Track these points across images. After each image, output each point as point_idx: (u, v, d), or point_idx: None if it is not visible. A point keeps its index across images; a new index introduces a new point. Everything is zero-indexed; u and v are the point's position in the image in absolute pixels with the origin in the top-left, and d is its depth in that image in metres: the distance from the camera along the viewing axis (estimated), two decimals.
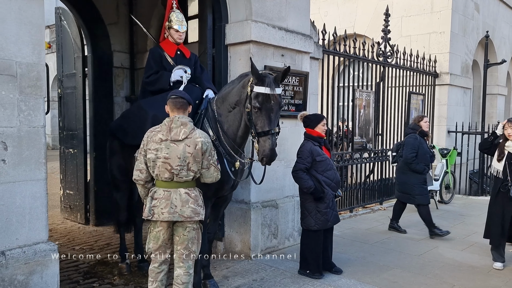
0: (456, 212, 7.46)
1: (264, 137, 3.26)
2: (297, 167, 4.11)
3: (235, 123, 3.56)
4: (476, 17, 10.60)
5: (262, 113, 3.26)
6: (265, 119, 3.26)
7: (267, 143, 3.25)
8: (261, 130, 3.26)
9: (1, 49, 2.86)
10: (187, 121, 3.03)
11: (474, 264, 4.69)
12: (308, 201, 4.12)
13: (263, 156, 3.26)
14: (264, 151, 3.25)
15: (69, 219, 6.35)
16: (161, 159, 2.98)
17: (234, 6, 4.67)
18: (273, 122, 3.30)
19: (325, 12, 11.60)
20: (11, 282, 2.90)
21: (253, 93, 3.28)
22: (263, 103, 3.25)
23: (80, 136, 6.04)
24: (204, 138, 3.04)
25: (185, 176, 3.00)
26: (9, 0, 2.87)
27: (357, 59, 7.06)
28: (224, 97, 3.63)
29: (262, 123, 3.26)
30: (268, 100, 3.26)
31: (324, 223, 4.11)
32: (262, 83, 3.27)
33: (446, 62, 9.42)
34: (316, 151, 4.09)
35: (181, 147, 2.97)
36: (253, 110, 3.28)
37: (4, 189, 2.91)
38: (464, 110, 10.27)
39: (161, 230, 3.06)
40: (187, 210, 2.99)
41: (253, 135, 3.31)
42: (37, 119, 3.05)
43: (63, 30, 6.25)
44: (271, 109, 3.28)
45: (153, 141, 3.01)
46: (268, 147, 3.24)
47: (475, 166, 10.25)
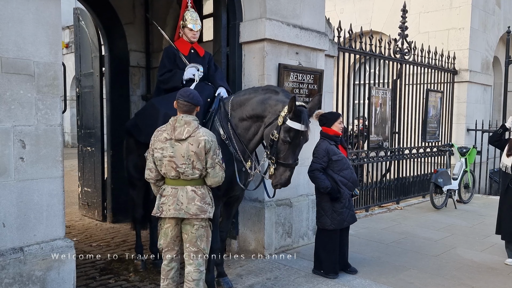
0: (475, 212, 7.31)
1: (284, 168, 3.23)
2: (313, 167, 4.06)
3: (249, 132, 3.53)
4: (497, 12, 10.34)
5: (289, 147, 3.21)
6: (290, 152, 3.22)
7: (286, 174, 3.24)
8: (284, 162, 3.22)
9: (19, 49, 2.92)
10: (191, 120, 3.04)
11: (493, 266, 4.59)
12: (324, 201, 4.09)
13: (278, 184, 3.26)
14: (280, 179, 3.24)
15: (87, 216, 6.46)
16: (167, 158, 3.02)
17: (248, 4, 4.66)
18: (297, 155, 3.28)
19: (341, 9, 11.49)
20: (29, 277, 2.97)
21: (285, 126, 3.18)
22: (293, 139, 3.19)
23: (97, 135, 6.14)
24: (208, 137, 3.02)
25: (191, 174, 3.02)
26: (26, 1, 2.93)
27: (373, 56, 6.97)
28: (242, 102, 3.56)
29: (286, 156, 3.22)
30: (298, 136, 3.21)
31: (340, 222, 4.07)
32: (298, 119, 3.17)
33: (466, 58, 9.21)
34: (332, 150, 4.05)
35: (184, 146, 2.99)
36: (280, 142, 3.21)
37: (22, 187, 2.97)
38: (484, 108, 10.04)
39: (169, 227, 3.11)
40: (192, 208, 3.02)
41: (272, 161, 3.26)
42: (54, 117, 3.11)
43: (81, 30, 6.36)
44: (299, 144, 3.25)
45: (159, 140, 3.07)
46: (286, 178, 3.24)
47: (496, 165, 10.00)
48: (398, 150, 7.73)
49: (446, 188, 7.30)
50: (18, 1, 2.89)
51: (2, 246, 2.90)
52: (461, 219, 6.67)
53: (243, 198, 4.61)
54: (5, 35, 2.85)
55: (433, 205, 7.24)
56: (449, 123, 9.08)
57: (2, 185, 2.89)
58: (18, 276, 2.92)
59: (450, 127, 9.11)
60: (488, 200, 8.50)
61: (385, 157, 7.47)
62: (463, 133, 9.26)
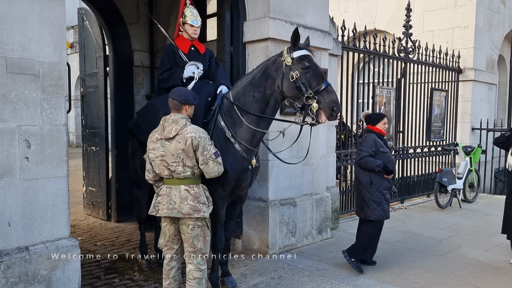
0: (480, 211, 7.27)
1: (325, 90, 3.28)
2: (361, 155, 4.27)
3: (262, 107, 3.52)
4: (502, 10, 10.28)
5: (313, 71, 3.33)
6: (318, 74, 3.34)
7: (331, 94, 3.28)
8: (319, 86, 3.28)
9: (24, 49, 2.93)
10: (178, 118, 3.08)
11: (498, 265, 4.56)
12: (365, 191, 4.27)
13: (333, 105, 3.26)
14: (331, 100, 3.26)
15: (92, 216, 6.48)
16: (159, 158, 3.08)
17: (252, 3, 4.66)
18: (325, 76, 3.40)
19: (345, 8, 11.47)
20: (34, 276, 2.99)
21: (295, 58, 3.34)
22: (310, 62, 3.35)
23: (102, 134, 6.16)
24: (195, 133, 3.04)
25: (182, 172, 3.06)
26: (31, 1, 2.94)
27: (378, 55, 6.95)
28: (245, 87, 3.57)
29: (317, 79, 3.31)
30: (311, 59, 3.39)
31: (380, 214, 4.26)
32: (299, 48, 3.39)
33: (470, 57, 9.17)
34: (380, 142, 4.33)
35: (173, 144, 3.04)
36: (302, 72, 3.31)
37: (28, 186, 2.99)
38: (489, 107, 9.99)
39: (166, 225, 3.18)
40: (185, 207, 3.05)
41: (311, 95, 3.26)
42: (59, 117, 3.12)
43: (85, 30, 6.38)
44: (317, 65, 3.40)
45: (151, 141, 3.15)
46: (335, 96, 3.30)
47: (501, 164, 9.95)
48: (402, 149, 7.71)
49: (451, 187, 7.26)
50: (23, 2, 2.90)
51: (8, 245, 2.92)
52: (466, 219, 6.64)
53: (247, 198, 4.62)
54: (10, 35, 2.87)
55: (437, 205, 7.21)
56: (453, 122, 9.04)
57: (8, 184, 2.90)
58: (23, 275, 2.93)
59: (454, 126, 9.07)
60: (493, 199, 8.45)
61: None
62: (468, 132, 9.22)
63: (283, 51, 3.44)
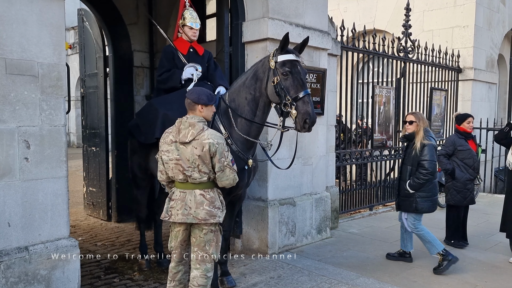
0: (480, 210, 7.27)
1: (302, 100, 3.18)
2: (440, 153, 5.09)
3: (253, 109, 3.48)
4: (501, 9, 10.28)
5: (293, 78, 3.23)
6: (298, 82, 3.23)
7: (306, 105, 3.16)
8: (296, 94, 3.18)
9: (23, 50, 2.95)
10: (195, 121, 2.93)
11: (498, 264, 4.57)
12: (448, 181, 5.16)
13: (306, 117, 3.15)
14: (306, 112, 3.15)
15: (92, 216, 6.50)
16: (173, 161, 2.94)
17: (251, 4, 4.67)
18: (306, 85, 3.27)
19: (345, 8, 11.48)
20: (34, 276, 3.00)
21: (279, 62, 3.26)
22: (292, 68, 3.25)
23: (102, 135, 6.17)
24: (213, 139, 2.88)
25: (198, 178, 2.91)
26: (30, 2, 2.95)
27: (377, 55, 6.96)
28: (239, 88, 3.56)
29: (296, 87, 3.21)
30: (295, 65, 3.27)
31: (459, 200, 5.08)
32: (286, 52, 3.30)
33: (470, 56, 9.17)
34: (459, 142, 5.11)
35: (189, 149, 2.89)
36: (282, 78, 3.23)
37: (27, 186, 3.00)
38: (489, 106, 9.99)
39: (179, 230, 3.04)
40: (201, 212, 2.91)
41: (289, 102, 3.19)
42: (58, 118, 3.13)
43: (85, 31, 6.39)
44: (300, 72, 3.27)
45: (165, 143, 2.99)
46: (310, 108, 3.16)
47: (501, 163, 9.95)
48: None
49: None
50: (21, 3, 2.92)
51: (8, 245, 2.93)
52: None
53: (247, 198, 4.63)
54: (9, 36, 2.88)
55: (437, 204, 7.19)
56: (453, 121, 9.03)
57: (7, 185, 2.92)
58: (23, 275, 2.95)
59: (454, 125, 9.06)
60: (493, 198, 8.45)
61: (389, 156, 7.45)
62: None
63: (271, 53, 3.37)
